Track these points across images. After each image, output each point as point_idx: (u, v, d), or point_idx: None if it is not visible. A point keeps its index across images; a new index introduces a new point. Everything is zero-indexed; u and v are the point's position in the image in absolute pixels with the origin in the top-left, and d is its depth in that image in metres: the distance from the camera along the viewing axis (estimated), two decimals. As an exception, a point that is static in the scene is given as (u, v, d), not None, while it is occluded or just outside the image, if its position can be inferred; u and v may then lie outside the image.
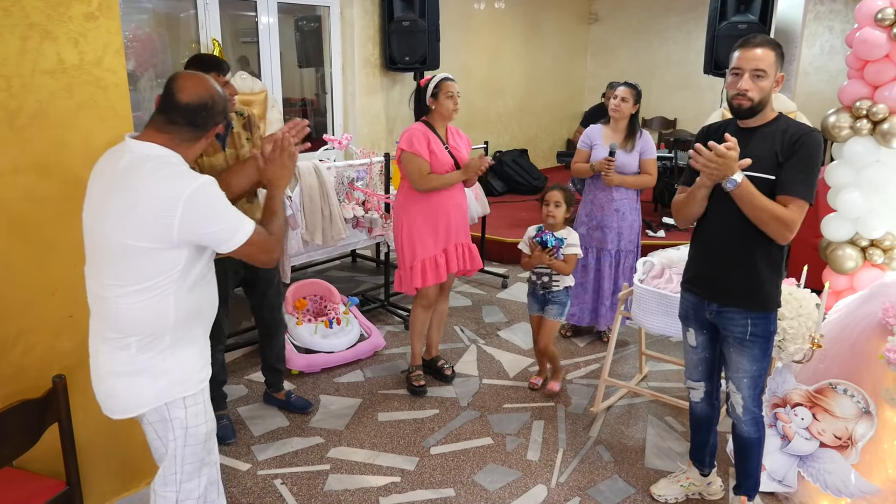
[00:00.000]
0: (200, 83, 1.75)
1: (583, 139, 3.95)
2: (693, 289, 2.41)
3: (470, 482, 2.80)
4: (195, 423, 1.87)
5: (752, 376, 2.31)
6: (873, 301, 2.72)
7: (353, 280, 5.25)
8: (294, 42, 6.19)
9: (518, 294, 5.00)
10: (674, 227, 6.00)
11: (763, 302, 2.26)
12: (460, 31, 7.35)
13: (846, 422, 2.56)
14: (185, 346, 1.83)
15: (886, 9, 2.90)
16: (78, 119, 2.10)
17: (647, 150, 3.84)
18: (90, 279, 1.82)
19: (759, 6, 5.52)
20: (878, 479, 2.51)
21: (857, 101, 3.07)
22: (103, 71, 2.13)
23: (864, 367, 2.58)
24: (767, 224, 2.12)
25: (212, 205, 1.71)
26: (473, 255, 3.49)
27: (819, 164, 2.16)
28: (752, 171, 2.13)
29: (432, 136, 3.24)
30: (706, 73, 5.98)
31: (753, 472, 2.48)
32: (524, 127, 8.84)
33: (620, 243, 3.91)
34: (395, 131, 6.68)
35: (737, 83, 2.15)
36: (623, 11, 9.31)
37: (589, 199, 3.95)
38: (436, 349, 3.69)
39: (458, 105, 3.26)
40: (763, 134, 2.19)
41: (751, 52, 2.13)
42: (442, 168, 3.25)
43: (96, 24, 2.09)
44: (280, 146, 1.98)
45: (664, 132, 8.38)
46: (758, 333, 2.26)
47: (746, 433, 2.40)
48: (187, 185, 1.67)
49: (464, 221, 3.44)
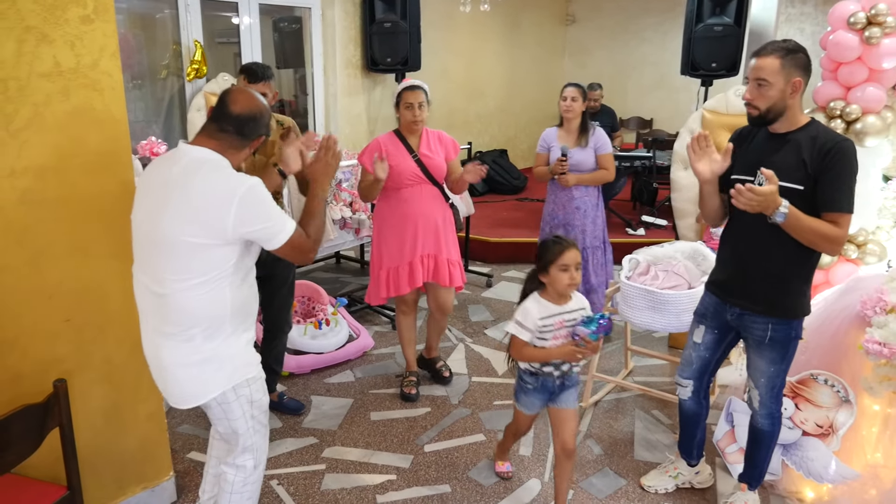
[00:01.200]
0: (252, 98, 1.96)
1: (540, 143, 4.04)
2: (716, 291, 2.42)
3: (465, 478, 2.84)
4: (259, 397, 2.08)
5: (768, 377, 2.35)
6: (851, 294, 2.82)
7: (338, 281, 5.26)
8: (272, 43, 6.19)
9: (503, 293, 5.06)
10: (653, 226, 6.11)
11: (787, 310, 2.26)
12: (441, 32, 7.40)
13: (827, 411, 2.65)
14: (241, 333, 2.01)
15: (858, 13, 2.99)
16: (74, 122, 2.10)
17: (602, 145, 3.93)
18: (143, 276, 1.95)
19: (734, 9, 5.65)
20: (858, 464, 2.60)
21: (832, 102, 3.16)
22: (99, 74, 2.13)
23: (844, 358, 2.67)
24: (817, 244, 2.11)
25: (262, 203, 1.88)
26: (440, 267, 3.25)
27: (855, 172, 2.13)
28: (780, 181, 2.08)
29: (396, 147, 3.18)
30: (683, 74, 6.09)
31: (760, 463, 2.54)
32: (504, 127, 8.91)
33: (585, 240, 4.00)
34: (376, 132, 6.70)
35: (746, 91, 2.19)
36: (600, 13, 9.44)
37: (551, 200, 4.05)
38: (436, 350, 3.70)
39: (419, 116, 3.14)
40: (792, 141, 2.18)
41: (754, 62, 2.16)
42: (403, 177, 3.17)
43: (92, 27, 2.10)
44: (326, 146, 2.16)
45: (641, 132, 8.52)
46: (778, 339, 2.28)
47: (761, 425, 2.46)
48: (241, 185, 1.85)
49: (433, 233, 3.24)
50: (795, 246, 2.16)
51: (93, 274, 2.22)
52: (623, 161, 6.17)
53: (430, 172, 3.21)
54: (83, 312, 2.22)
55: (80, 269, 2.19)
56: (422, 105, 3.15)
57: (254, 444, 2.12)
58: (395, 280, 3.28)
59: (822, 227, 2.10)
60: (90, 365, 2.27)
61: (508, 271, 5.57)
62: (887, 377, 2.44)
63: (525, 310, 2.39)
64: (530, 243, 5.74)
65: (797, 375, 2.71)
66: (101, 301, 2.26)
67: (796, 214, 2.07)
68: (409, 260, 3.24)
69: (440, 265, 3.27)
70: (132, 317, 2.27)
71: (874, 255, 3.12)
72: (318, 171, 2.15)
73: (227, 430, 2.08)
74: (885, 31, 2.89)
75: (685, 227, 4.28)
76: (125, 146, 2.23)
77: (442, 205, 3.30)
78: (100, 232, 2.21)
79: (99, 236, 2.21)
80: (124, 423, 2.41)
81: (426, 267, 3.26)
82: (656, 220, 6.15)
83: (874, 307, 2.54)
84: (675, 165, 4.25)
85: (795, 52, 2.14)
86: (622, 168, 6.13)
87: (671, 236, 4.89)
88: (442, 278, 3.28)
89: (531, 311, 2.37)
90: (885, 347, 2.39)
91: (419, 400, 3.47)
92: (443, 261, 3.27)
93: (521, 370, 2.51)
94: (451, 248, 3.32)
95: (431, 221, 3.24)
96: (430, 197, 3.24)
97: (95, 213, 2.19)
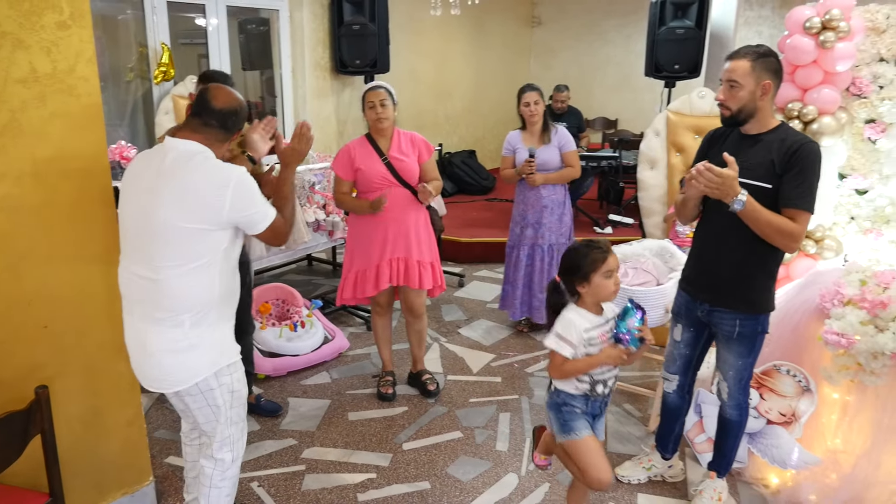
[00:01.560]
0: (231, 94, 2.08)
1: (505, 146, 4.14)
2: (688, 288, 2.53)
3: (444, 474, 2.89)
4: (239, 387, 2.17)
5: (736, 370, 2.47)
6: (810, 288, 2.95)
7: (310, 283, 5.27)
8: (238, 44, 6.15)
9: (475, 292, 5.13)
10: (620, 224, 6.25)
11: (753, 304, 2.37)
12: (409, 34, 7.44)
13: (790, 400, 2.77)
14: (225, 322, 2.12)
15: (814, 18, 3.12)
16: (51, 128, 2.10)
17: (566, 143, 4.03)
18: (135, 267, 2.02)
19: (695, 12, 5.82)
20: (819, 450, 2.73)
21: (789, 103, 3.29)
22: (76, 79, 2.13)
23: (805, 349, 2.80)
24: (773, 238, 2.20)
25: (252, 190, 2.03)
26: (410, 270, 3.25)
27: (818, 173, 2.22)
28: (748, 179, 2.20)
29: (365, 151, 3.19)
30: (647, 75, 6.24)
31: (729, 452, 2.65)
32: (472, 128, 8.99)
33: (552, 237, 4.11)
34: (346, 134, 6.71)
35: (719, 92, 2.30)
36: (565, 15, 9.58)
37: (520, 200, 4.15)
38: (421, 363, 3.63)
39: (382, 114, 3.12)
40: (761, 142, 2.28)
41: (727, 64, 2.26)
42: (372, 181, 3.17)
43: (68, 33, 2.09)
44: (299, 133, 2.38)
45: (607, 132, 8.67)
46: (745, 333, 2.39)
47: (729, 415, 2.57)
48: (233, 173, 1.98)
49: (403, 236, 3.23)
50: (760, 243, 2.26)
51: (71, 280, 2.22)
52: (590, 161, 6.29)
53: (400, 175, 3.20)
54: (62, 318, 2.21)
55: (59, 274, 2.18)
56: (384, 103, 3.13)
57: (231, 435, 2.19)
58: (361, 282, 3.30)
59: (779, 221, 2.18)
60: (69, 371, 2.26)
61: (480, 271, 5.64)
62: (845, 366, 2.56)
63: (567, 321, 2.14)
64: (501, 243, 5.82)
65: (761, 367, 2.83)
66: (80, 307, 2.25)
67: (754, 205, 2.16)
68: (377, 263, 3.25)
69: (410, 267, 3.27)
70: (112, 322, 2.28)
71: (831, 250, 3.26)
72: (289, 156, 2.34)
73: (206, 418, 2.13)
74: (838, 35, 3.02)
75: (652, 226, 4.40)
76: (103, 151, 2.23)
77: (415, 207, 3.27)
78: (79, 237, 2.21)
79: (78, 242, 2.21)
80: (104, 428, 2.40)
81: (395, 270, 3.26)
82: (623, 219, 6.28)
83: (832, 300, 2.66)
84: (641, 165, 4.36)
85: (767, 56, 2.25)
86: (589, 168, 6.25)
87: (638, 234, 5.01)
88: (412, 280, 3.27)
89: (575, 323, 2.13)
90: (843, 338, 2.51)
91: (396, 399, 3.51)
92: (413, 263, 3.26)
93: (565, 395, 2.21)
94: (423, 250, 3.30)
95: (402, 225, 3.23)
96: (401, 200, 3.22)
97: (74, 219, 2.19)
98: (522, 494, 2.78)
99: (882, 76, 3.11)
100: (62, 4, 2.07)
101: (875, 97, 3.13)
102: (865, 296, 2.54)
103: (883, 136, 3.11)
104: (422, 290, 3.34)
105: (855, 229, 3.25)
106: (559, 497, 2.76)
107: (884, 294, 2.51)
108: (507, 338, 4.32)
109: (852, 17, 3.07)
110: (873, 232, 3.19)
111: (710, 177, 2.14)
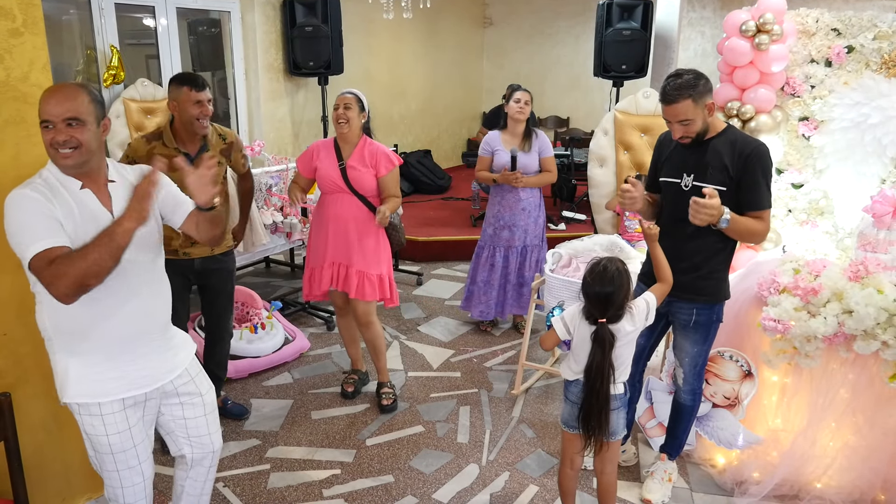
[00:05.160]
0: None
1: (483, 146, 4.16)
2: (648, 282, 2.63)
3: (407, 468, 2.97)
4: (91, 431, 1.95)
5: (692, 356, 2.62)
6: (750, 278, 3.10)
7: (269, 285, 5.27)
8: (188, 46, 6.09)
9: (433, 290, 5.21)
10: (573, 221, 6.41)
11: (710, 294, 2.54)
12: (362, 36, 7.47)
13: (733, 384, 2.93)
14: (67, 355, 1.93)
15: (749, 21, 3.29)
16: (5, 135, 2.10)
17: (545, 148, 4.12)
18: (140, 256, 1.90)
19: (640, 14, 6.00)
20: (761, 430, 2.90)
21: (728, 103, 3.45)
22: (30, 87, 2.13)
23: (746, 335, 2.95)
24: (747, 238, 2.42)
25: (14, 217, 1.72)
26: (349, 278, 3.22)
27: (770, 172, 2.42)
28: (704, 182, 2.38)
29: (327, 153, 3.22)
30: (596, 75, 6.41)
31: (681, 434, 2.81)
32: (426, 128, 9.07)
33: (527, 239, 4.18)
34: (301, 136, 6.71)
35: (673, 131, 2.42)
36: (515, 16, 9.73)
37: (496, 201, 4.17)
38: (384, 374, 3.52)
39: (342, 116, 3.13)
40: (713, 146, 2.43)
41: (669, 109, 2.38)
42: (325, 183, 3.21)
43: (21, 41, 2.10)
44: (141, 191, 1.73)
45: (559, 131, 8.85)
46: (701, 322, 2.55)
47: (684, 401, 2.73)
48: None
49: (344, 242, 3.21)
50: (714, 237, 2.44)
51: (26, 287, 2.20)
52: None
53: (351, 184, 3.17)
54: (21, 326, 2.21)
55: (16, 283, 2.17)
56: (348, 106, 3.14)
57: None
58: (316, 280, 3.34)
59: (753, 224, 2.40)
60: (30, 378, 2.26)
61: (437, 269, 5.72)
62: (783, 350, 2.73)
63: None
64: (458, 241, 5.93)
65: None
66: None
67: (735, 218, 2.35)
68: (321, 264, 3.29)
69: (350, 276, 3.24)
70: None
71: (771, 242, 3.43)
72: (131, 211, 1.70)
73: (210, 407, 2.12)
74: (772, 38, 3.20)
75: (603, 221, 4.55)
76: (59, 158, 2.22)
77: (363, 216, 3.20)
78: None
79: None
80: (66, 435, 2.40)
81: (336, 274, 3.27)
82: (576, 215, 6.45)
83: (769, 288, 2.82)
84: (591, 163, 4.51)
85: (696, 85, 2.36)
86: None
87: (590, 230, 5.17)
88: (350, 288, 3.25)
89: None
90: (780, 324, 2.67)
91: (358, 397, 3.57)
92: (353, 272, 3.23)
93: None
94: (369, 262, 3.23)
95: (342, 230, 3.21)
96: (347, 206, 3.19)
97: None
98: (484, 483, 2.87)
99: (813, 76, 3.30)
100: (15, 12, 2.07)
101: (808, 96, 3.32)
102: (798, 284, 2.70)
103: (816, 133, 3.30)
104: (364, 300, 3.28)
105: (792, 221, 3.44)
106: (519, 485, 2.87)
107: (815, 282, 2.68)
108: (465, 334, 4.41)
109: (784, 21, 3.25)
110: (809, 223, 3.39)
111: (707, 211, 2.29)
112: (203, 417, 2.11)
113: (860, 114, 3.12)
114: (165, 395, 2.02)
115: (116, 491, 1.96)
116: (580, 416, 2.32)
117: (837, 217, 3.32)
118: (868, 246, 2.92)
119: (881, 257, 2.79)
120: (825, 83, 3.27)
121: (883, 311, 2.50)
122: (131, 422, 1.91)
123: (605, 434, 2.31)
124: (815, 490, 2.75)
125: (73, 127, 1.72)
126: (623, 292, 2.24)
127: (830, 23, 3.28)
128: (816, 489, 2.75)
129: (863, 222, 2.98)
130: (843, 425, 2.72)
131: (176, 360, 2.03)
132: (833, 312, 2.58)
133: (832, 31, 3.28)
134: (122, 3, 5.06)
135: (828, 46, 3.26)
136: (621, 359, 2.29)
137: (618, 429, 2.37)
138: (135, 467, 1.94)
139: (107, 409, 1.87)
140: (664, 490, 2.78)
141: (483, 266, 4.27)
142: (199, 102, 2.76)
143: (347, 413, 3.41)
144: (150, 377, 1.94)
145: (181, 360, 2.05)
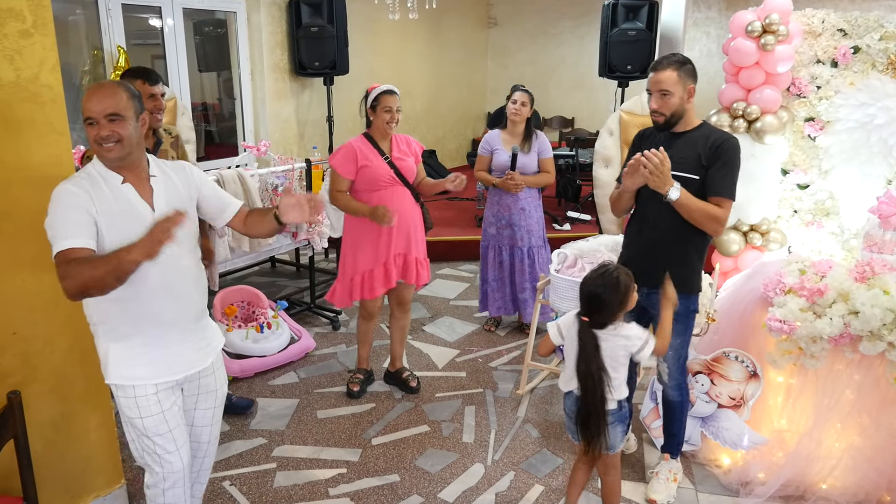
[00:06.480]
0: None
1: (483, 145, 4.19)
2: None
3: (413, 467, 2.98)
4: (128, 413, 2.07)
5: (675, 349, 2.63)
6: (755, 278, 3.11)
7: (274, 285, 5.29)
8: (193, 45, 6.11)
9: (438, 290, 5.22)
10: (578, 221, 6.41)
11: (687, 285, 2.58)
12: (367, 35, 7.48)
13: (738, 384, 2.93)
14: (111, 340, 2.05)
15: (755, 22, 3.29)
16: (15, 136, 2.11)
17: (544, 149, 4.14)
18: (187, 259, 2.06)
19: (645, 14, 6.01)
20: (766, 431, 2.90)
21: (734, 103, 3.45)
22: (40, 87, 2.14)
23: (751, 336, 2.96)
24: (703, 223, 2.46)
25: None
26: (409, 266, 3.41)
27: (738, 165, 2.50)
28: (679, 172, 2.44)
29: (368, 150, 3.25)
30: (601, 75, 6.41)
31: (677, 432, 2.82)
32: (432, 128, 9.07)
33: (531, 240, 4.19)
34: (306, 136, 6.73)
35: (651, 102, 2.50)
36: (520, 16, 9.72)
37: (495, 201, 4.20)
38: (400, 361, 3.70)
39: (394, 120, 3.22)
40: (688, 139, 2.53)
41: (654, 76, 2.48)
42: (379, 180, 3.25)
43: (31, 41, 2.11)
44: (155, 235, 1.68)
45: (564, 131, 8.84)
46: (680, 312, 2.56)
47: (671, 397, 2.74)
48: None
49: (405, 233, 3.36)
50: (689, 230, 2.50)
51: (38, 287, 2.22)
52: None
53: (402, 174, 3.31)
54: (30, 325, 2.23)
55: (26, 282, 2.19)
56: (399, 110, 3.24)
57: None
58: (369, 283, 3.35)
59: (708, 207, 2.45)
60: (39, 377, 2.27)
61: (442, 269, 5.73)
62: (788, 351, 2.73)
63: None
64: (462, 241, 5.93)
65: (712, 354, 2.98)
66: (48, 313, 2.26)
67: (687, 195, 2.43)
68: (384, 261, 3.33)
69: (409, 264, 3.41)
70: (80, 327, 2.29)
71: (776, 242, 3.44)
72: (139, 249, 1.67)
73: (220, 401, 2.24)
74: (778, 38, 3.20)
75: (608, 222, 4.56)
76: (68, 159, 2.24)
77: (413, 205, 3.41)
78: (45, 245, 2.20)
79: (44, 250, 2.19)
80: (75, 433, 2.42)
81: (397, 266, 3.38)
82: (581, 216, 6.45)
83: (774, 289, 2.82)
84: (596, 164, 4.51)
85: (685, 63, 2.52)
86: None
87: (595, 230, 5.18)
88: (409, 276, 3.42)
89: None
90: (785, 324, 2.67)
91: (364, 396, 3.58)
92: (412, 259, 3.41)
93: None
94: (420, 247, 3.46)
95: (405, 221, 3.35)
96: (403, 198, 3.34)
97: (40, 227, 2.18)
98: (489, 483, 2.88)
99: (819, 77, 3.30)
100: (25, 13, 2.08)
101: (813, 97, 3.31)
102: (804, 284, 2.70)
103: (822, 134, 3.30)
104: (419, 284, 3.51)
105: (798, 222, 3.44)
106: (524, 484, 2.87)
107: (821, 282, 2.68)
108: (470, 334, 4.42)
109: (790, 22, 3.25)
110: (815, 224, 3.39)
111: (656, 161, 2.36)
112: (211, 410, 2.23)
113: (866, 114, 3.12)
114: (189, 384, 2.13)
115: (156, 477, 2.07)
116: (577, 421, 2.35)
117: (843, 218, 3.32)
118: (874, 247, 2.92)
119: (887, 258, 2.79)
120: (831, 84, 3.27)
121: (889, 312, 2.50)
122: (164, 405, 2.02)
123: (604, 446, 2.33)
124: (821, 491, 2.75)
125: (115, 122, 1.83)
126: (615, 299, 2.24)
127: (836, 23, 3.27)
128: (822, 490, 2.76)
129: (868, 223, 2.98)
130: (849, 426, 2.72)
131: (208, 350, 2.15)
132: (839, 313, 2.58)
133: (838, 31, 3.27)
134: (129, 4, 5.10)
135: (834, 47, 3.26)
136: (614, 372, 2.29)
137: (616, 443, 2.39)
138: (173, 452, 2.05)
139: (140, 392, 1.98)
140: (669, 490, 2.79)
141: (492, 265, 4.30)
142: (153, 96, 2.82)
143: (353, 412, 3.42)
144: (183, 364, 2.06)
145: (211, 351, 2.17)
